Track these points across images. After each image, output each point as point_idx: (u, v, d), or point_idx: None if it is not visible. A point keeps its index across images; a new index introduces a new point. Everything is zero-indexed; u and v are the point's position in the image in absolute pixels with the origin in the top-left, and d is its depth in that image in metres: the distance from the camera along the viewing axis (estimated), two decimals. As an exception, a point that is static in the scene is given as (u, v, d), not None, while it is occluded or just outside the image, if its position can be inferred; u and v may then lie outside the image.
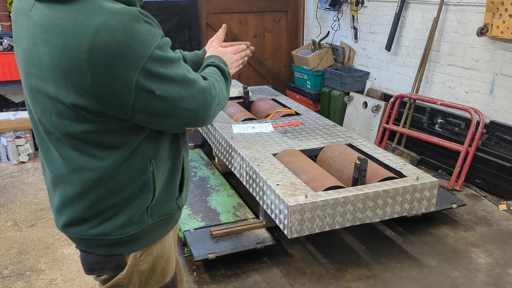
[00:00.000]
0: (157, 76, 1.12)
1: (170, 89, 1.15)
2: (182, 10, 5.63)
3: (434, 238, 3.29)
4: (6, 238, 3.31)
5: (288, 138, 3.50)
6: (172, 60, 1.16)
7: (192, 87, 1.21)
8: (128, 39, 1.06)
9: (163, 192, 1.34)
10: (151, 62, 1.10)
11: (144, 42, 1.09)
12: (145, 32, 1.10)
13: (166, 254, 1.41)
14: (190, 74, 1.23)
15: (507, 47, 3.82)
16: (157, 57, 1.11)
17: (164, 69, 1.13)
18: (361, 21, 5.43)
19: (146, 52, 1.09)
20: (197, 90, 1.22)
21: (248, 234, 3.06)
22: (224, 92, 1.42)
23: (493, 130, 3.98)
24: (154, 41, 1.11)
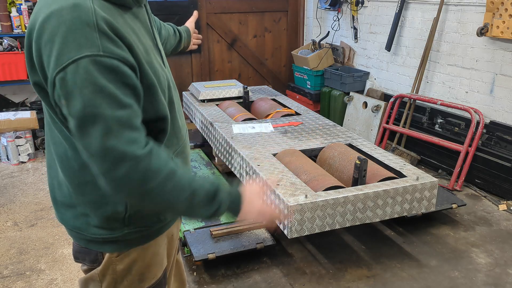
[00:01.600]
0: (70, 88, 1.02)
1: (75, 109, 1.03)
2: (182, 10, 5.63)
3: (434, 238, 3.29)
4: (6, 238, 3.31)
5: (288, 138, 3.50)
6: (96, 84, 1.01)
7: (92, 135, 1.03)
8: (67, 35, 1.01)
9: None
10: (72, 69, 1.01)
11: (77, 46, 1.01)
12: (87, 36, 1.01)
13: (148, 260, 1.35)
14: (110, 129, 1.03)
15: (507, 47, 3.82)
16: (83, 68, 1.01)
17: (82, 86, 1.01)
18: (361, 21, 5.43)
19: (75, 55, 1.01)
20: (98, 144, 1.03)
21: (248, 234, 3.06)
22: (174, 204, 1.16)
23: (493, 130, 3.98)
24: (89, 51, 1.01)
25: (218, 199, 1.20)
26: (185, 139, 1.40)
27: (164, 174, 1.09)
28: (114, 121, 1.03)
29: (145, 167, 1.06)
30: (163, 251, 1.42)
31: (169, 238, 1.45)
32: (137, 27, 1.19)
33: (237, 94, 4.62)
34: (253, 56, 6.23)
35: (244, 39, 6.12)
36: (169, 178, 1.11)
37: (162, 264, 1.42)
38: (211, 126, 3.90)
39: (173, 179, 1.11)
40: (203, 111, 4.21)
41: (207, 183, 1.19)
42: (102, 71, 1.02)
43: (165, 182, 1.10)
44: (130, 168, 1.05)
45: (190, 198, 1.14)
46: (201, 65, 5.95)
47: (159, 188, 1.09)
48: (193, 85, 4.82)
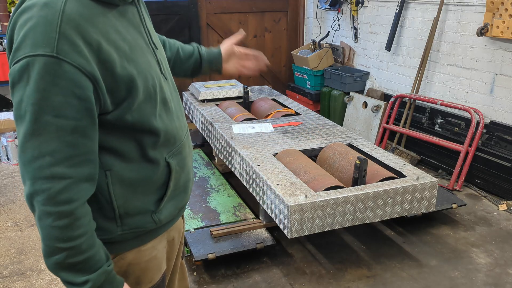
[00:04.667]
0: (14, 82, 1.03)
1: (16, 101, 1.05)
2: (182, 10, 5.63)
3: (434, 238, 3.29)
4: (6, 238, 3.31)
5: (288, 138, 3.50)
6: (37, 86, 0.99)
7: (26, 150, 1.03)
8: (28, 32, 1.01)
9: (130, 204, 1.24)
10: (22, 64, 1.00)
11: (34, 44, 1.00)
12: (47, 35, 1.00)
13: (143, 263, 1.31)
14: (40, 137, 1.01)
15: (507, 47, 3.82)
16: (31, 65, 1.00)
17: (25, 82, 1.01)
18: (361, 21, 5.43)
19: (27, 52, 1.00)
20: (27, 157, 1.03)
21: (248, 234, 3.06)
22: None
23: (493, 130, 3.97)
24: (44, 50, 0.99)
25: (87, 278, 1.10)
26: (184, 140, 1.36)
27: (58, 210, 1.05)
28: (42, 126, 1.01)
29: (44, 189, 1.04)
30: (162, 254, 1.38)
31: (169, 241, 1.42)
32: (123, 25, 1.17)
33: (237, 94, 4.62)
34: (253, 56, 6.23)
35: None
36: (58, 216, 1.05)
37: (160, 268, 1.39)
38: (211, 126, 3.90)
39: (62, 220, 1.05)
40: (203, 111, 4.21)
41: (93, 255, 1.11)
42: (50, 75, 1.00)
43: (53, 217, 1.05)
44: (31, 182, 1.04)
45: (64, 249, 1.07)
46: (201, 65, 5.95)
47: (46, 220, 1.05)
48: (193, 85, 4.83)
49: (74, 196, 1.05)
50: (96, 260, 1.11)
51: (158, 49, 1.31)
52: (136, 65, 1.15)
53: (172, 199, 1.33)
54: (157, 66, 1.27)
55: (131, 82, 1.13)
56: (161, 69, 1.29)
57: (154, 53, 1.27)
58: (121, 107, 1.13)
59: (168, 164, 1.28)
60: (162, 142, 1.25)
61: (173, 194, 1.33)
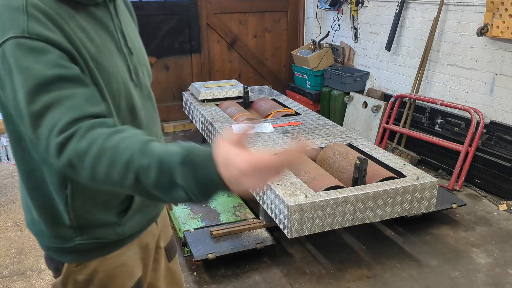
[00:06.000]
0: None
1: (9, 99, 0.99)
2: (182, 10, 5.63)
3: (434, 238, 3.29)
4: (6, 238, 3.31)
5: (288, 138, 3.50)
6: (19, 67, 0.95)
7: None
8: None
9: (91, 216, 1.19)
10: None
11: (2, 30, 0.97)
12: (13, 18, 0.97)
13: (111, 271, 1.27)
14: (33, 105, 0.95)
15: (507, 47, 3.82)
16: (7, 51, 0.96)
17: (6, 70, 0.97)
18: (361, 21, 5.43)
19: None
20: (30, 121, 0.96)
21: (248, 234, 3.06)
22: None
23: (493, 130, 3.97)
24: (13, 33, 0.96)
25: (179, 185, 0.86)
26: None
27: (91, 157, 0.90)
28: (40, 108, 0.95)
29: (68, 155, 0.92)
30: (133, 261, 1.32)
31: (142, 247, 1.35)
32: (91, 26, 1.12)
33: (237, 94, 4.62)
34: (253, 56, 6.23)
35: (244, 39, 6.12)
36: (98, 160, 0.90)
37: (133, 274, 1.32)
38: (211, 126, 3.90)
39: (103, 160, 0.90)
40: (203, 111, 4.21)
41: (162, 158, 0.87)
42: (27, 53, 0.96)
43: (95, 167, 0.91)
44: (56, 157, 0.94)
45: (138, 182, 0.88)
46: (201, 65, 5.95)
47: (92, 174, 0.92)
48: (193, 85, 4.83)
49: (90, 135, 0.92)
50: (167, 163, 0.86)
51: (134, 55, 1.24)
52: (100, 66, 1.09)
53: (140, 211, 1.28)
54: (127, 72, 1.20)
55: (96, 80, 1.08)
56: (131, 75, 1.21)
57: (126, 58, 1.21)
58: (84, 82, 1.05)
59: None
60: None
61: (140, 207, 1.27)
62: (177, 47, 5.74)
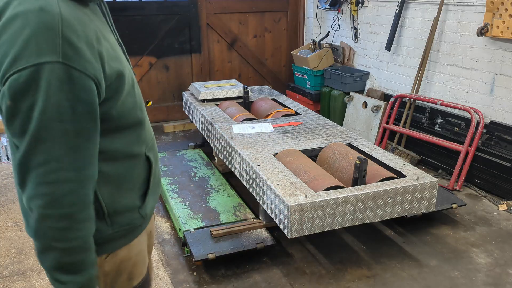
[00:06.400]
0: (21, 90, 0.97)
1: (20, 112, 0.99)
2: (182, 10, 5.63)
3: (434, 238, 3.29)
4: (6, 238, 3.31)
5: (288, 138, 3.50)
6: (48, 94, 0.96)
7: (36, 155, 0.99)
8: (30, 38, 0.96)
9: (118, 203, 1.25)
10: (29, 73, 0.96)
11: (38, 51, 0.96)
12: (50, 42, 0.97)
13: (133, 258, 1.34)
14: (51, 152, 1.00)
15: (507, 47, 3.82)
16: (40, 74, 0.96)
17: (35, 90, 0.97)
18: (361, 21, 5.43)
19: (33, 61, 0.96)
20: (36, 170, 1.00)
21: (248, 234, 3.06)
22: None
23: (493, 130, 3.97)
24: (51, 58, 0.96)
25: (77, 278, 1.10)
26: (153, 137, 1.38)
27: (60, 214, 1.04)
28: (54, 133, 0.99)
29: (49, 191, 1.02)
30: (145, 248, 1.42)
31: (148, 235, 1.45)
32: (99, 22, 1.16)
33: (237, 94, 4.62)
34: (253, 56, 6.23)
35: (244, 39, 6.12)
36: (60, 218, 1.04)
37: (145, 261, 1.42)
38: (211, 126, 3.90)
39: (62, 221, 1.04)
40: (203, 111, 4.21)
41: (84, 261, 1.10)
42: (58, 80, 0.98)
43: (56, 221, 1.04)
44: (35, 183, 1.02)
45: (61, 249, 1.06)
46: (201, 65, 5.96)
47: (44, 221, 1.03)
48: (193, 85, 4.83)
49: (76, 199, 1.05)
50: (87, 263, 1.11)
51: (123, 47, 1.33)
52: (119, 60, 1.15)
53: (153, 192, 1.36)
54: (130, 67, 1.28)
55: (120, 77, 1.13)
56: (129, 64, 1.30)
57: (123, 50, 1.29)
58: (107, 103, 1.11)
59: (148, 158, 1.30)
60: (144, 134, 1.28)
61: (153, 187, 1.36)
62: (177, 47, 5.74)
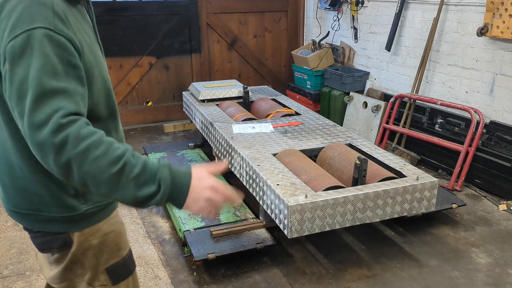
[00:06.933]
0: (17, 53, 1.08)
1: (19, 75, 1.08)
2: (182, 10, 5.63)
3: (434, 238, 3.29)
4: (6, 238, 3.31)
5: (288, 138, 3.50)
6: (43, 53, 1.08)
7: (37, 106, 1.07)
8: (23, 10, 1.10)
9: None
10: (24, 37, 1.08)
11: (31, 19, 1.09)
12: (41, 13, 1.11)
13: (116, 229, 1.44)
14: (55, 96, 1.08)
15: (507, 47, 3.82)
16: (34, 37, 1.09)
17: (29, 53, 1.08)
18: (361, 21, 5.43)
19: (28, 26, 1.09)
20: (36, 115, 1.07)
21: (248, 234, 3.06)
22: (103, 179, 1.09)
23: (493, 130, 3.98)
24: (42, 24, 1.10)
25: (158, 178, 1.11)
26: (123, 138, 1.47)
27: (89, 142, 1.07)
28: (49, 90, 1.08)
29: (65, 134, 1.06)
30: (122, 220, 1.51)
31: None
32: (82, 22, 1.29)
33: (237, 94, 4.62)
34: (253, 56, 6.23)
35: (244, 39, 6.12)
36: (93, 147, 1.07)
37: (126, 232, 1.51)
38: (211, 126, 3.90)
39: (98, 149, 1.07)
40: (203, 111, 4.21)
41: (144, 162, 1.12)
42: (50, 44, 1.10)
43: (88, 151, 1.06)
44: (51, 131, 1.06)
45: (121, 172, 1.08)
46: (201, 65, 5.96)
47: (82, 157, 1.06)
48: (193, 85, 4.83)
49: (91, 128, 1.11)
50: (151, 164, 1.13)
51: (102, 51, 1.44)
52: (95, 56, 1.27)
53: None
54: (103, 61, 1.39)
55: (91, 69, 1.24)
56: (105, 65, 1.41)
57: (101, 48, 1.41)
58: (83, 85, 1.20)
59: (121, 140, 1.44)
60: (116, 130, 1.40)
61: None
62: (177, 47, 5.74)
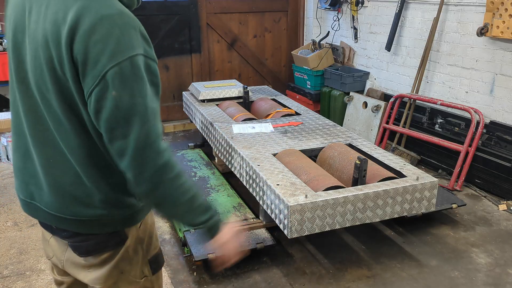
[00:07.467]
0: (123, 80, 1.16)
1: (125, 99, 1.17)
2: (182, 10, 5.63)
3: (434, 238, 3.29)
4: (6, 238, 3.31)
5: (288, 138, 3.50)
6: (143, 79, 1.19)
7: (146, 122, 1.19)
8: (121, 36, 1.17)
9: None
10: (127, 64, 1.16)
11: (131, 46, 1.17)
12: (136, 38, 1.19)
13: (154, 220, 1.55)
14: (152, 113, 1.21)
15: (507, 47, 3.82)
16: (135, 64, 1.17)
17: (134, 79, 1.17)
18: (361, 21, 5.43)
19: (129, 53, 1.16)
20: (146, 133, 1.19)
21: (248, 234, 3.06)
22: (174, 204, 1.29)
23: (493, 130, 3.98)
24: (139, 51, 1.18)
25: (212, 209, 1.36)
26: None
27: (177, 171, 1.24)
28: (152, 112, 1.20)
29: (166, 158, 1.22)
30: None
31: None
32: None
33: (237, 94, 4.62)
34: (253, 56, 6.23)
35: (244, 39, 6.12)
36: (180, 176, 1.25)
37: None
38: (211, 126, 3.90)
39: (182, 178, 1.26)
40: (203, 111, 4.21)
41: (201, 193, 1.34)
42: (145, 69, 1.19)
43: (177, 178, 1.24)
44: (155, 154, 1.20)
45: (191, 201, 1.29)
46: (201, 65, 5.95)
47: (171, 182, 1.24)
48: (193, 85, 4.83)
49: (173, 155, 1.25)
50: (204, 199, 1.35)
51: None
52: None
53: None
54: None
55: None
56: None
57: None
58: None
59: None
60: None
61: None
62: (177, 47, 5.74)
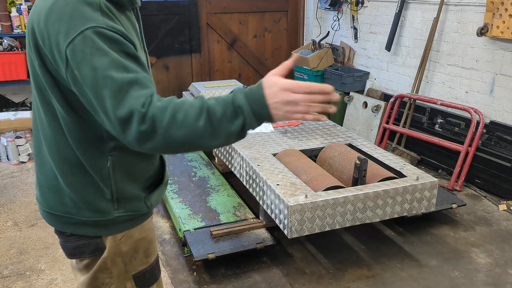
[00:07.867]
0: (81, 56, 1.11)
1: (88, 76, 1.11)
2: (182, 10, 5.63)
3: (434, 238, 3.29)
4: (6, 238, 3.31)
5: (288, 138, 3.50)
6: (102, 51, 1.11)
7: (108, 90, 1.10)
8: (73, 12, 1.12)
9: (127, 190, 1.34)
10: (80, 39, 1.11)
11: (82, 20, 1.12)
12: (90, 13, 1.13)
13: (147, 236, 1.45)
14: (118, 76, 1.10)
15: (507, 47, 3.82)
16: (89, 37, 1.11)
17: (91, 53, 1.11)
18: (361, 21, 5.43)
19: (82, 27, 1.11)
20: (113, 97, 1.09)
21: (248, 234, 3.06)
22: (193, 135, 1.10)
23: (493, 130, 3.98)
24: (93, 23, 1.12)
25: (236, 105, 1.10)
26: None
27: (170, 109, 1.10)
28: (123, 82, 1.10)
29: (152, 114, 1.09)
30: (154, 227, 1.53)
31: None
32: (130, 28, 1.29)
33: (237, 94, 4.62)
34: (253, 56, 6.23)
35: (244, 39, 6.12)
36: (177, 110, 1.10)
37: (156, 239, 1.53)
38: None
39: (181, 109, 1.10)
40: (203, 111, 4.21)
41: (219, 99, 1.13)
42: (105, 40, 1.11)
43: (175, 115, 1.09)
44: (139, 122, 1.08)
45: (209, 119, 1.10)
46: (201, 65, 5.95)
47: (172, 124, 1.09)
48: (193, 85, 4.83)
49: (163, 99, 1.13)
50: (225, 97, 1.13)
51: (148, 57, 1.46)
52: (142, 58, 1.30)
53: (161, 189, 1.46)
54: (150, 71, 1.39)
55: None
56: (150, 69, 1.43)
57: (146, 56, 1.42)
58: (147, 70, 1.23)
59: (161, 156, 1.47)
60: None
61: (164, 185, 1.48)
62: (177, 47, 5.74)
